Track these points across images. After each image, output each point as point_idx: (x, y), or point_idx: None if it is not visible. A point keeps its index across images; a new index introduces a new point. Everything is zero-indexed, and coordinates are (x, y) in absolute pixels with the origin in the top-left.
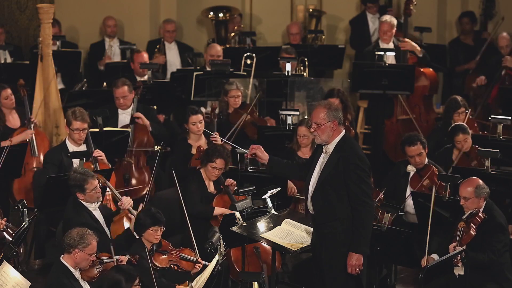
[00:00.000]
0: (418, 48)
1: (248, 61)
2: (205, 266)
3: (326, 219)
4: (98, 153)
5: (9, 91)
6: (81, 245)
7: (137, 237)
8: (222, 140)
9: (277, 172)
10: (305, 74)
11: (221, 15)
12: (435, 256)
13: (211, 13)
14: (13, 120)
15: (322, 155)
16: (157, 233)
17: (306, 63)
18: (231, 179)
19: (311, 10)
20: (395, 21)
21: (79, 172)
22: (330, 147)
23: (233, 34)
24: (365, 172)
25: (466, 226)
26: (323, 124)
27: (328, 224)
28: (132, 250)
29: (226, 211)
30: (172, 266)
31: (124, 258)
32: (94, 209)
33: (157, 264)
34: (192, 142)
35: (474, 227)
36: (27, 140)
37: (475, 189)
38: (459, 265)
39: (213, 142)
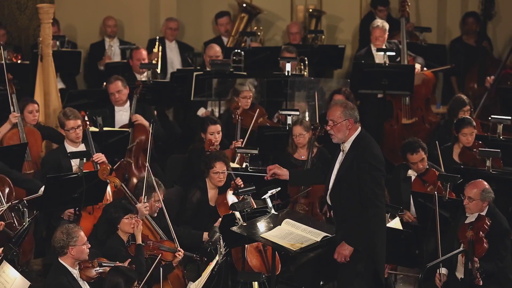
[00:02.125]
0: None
1: (235, 58)
2: (186, 255)
3: (344, 216)
4: (98, 157)
5: (36, 106)
6: (72, 241)
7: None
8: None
9: (301, 184)
10: (305, 73)
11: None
12: (444, 271)
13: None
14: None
15: (340, 153)
16: (132, 221)
17: (306, 62)
18: (240, 180)
19: (311, 10)
20: (387, 26)
21: (154, 178)
22: (347, 146)
23: (236, 35)
24: (379, 171)
25: (475, 235)
26: (339, 123)
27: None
28: (109, 244)
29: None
30: (151, 256)
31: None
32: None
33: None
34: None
35: (484, 236)
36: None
37: (481, 192)
38: (480, 283)
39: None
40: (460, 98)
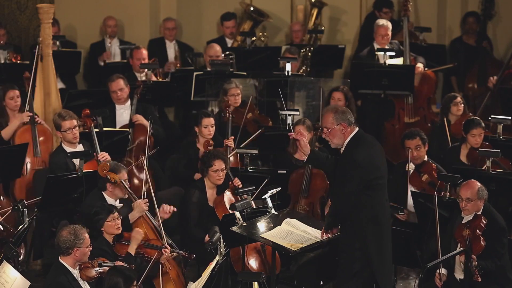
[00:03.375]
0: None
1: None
2: (172, 251)
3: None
4: (103, 156)
5: (16, 92)
6: (79, 242)
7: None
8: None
9: (316, 166)
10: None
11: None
12: (444, 271)
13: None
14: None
15: None
16: (116, 222)
17: (309, 55)
18: (238, 180)
19: (313, 0)
20: (390, 25)
21: (112, 162)
22: (342, 149)
23: (239, 37)
24: (352, 177)
25: (472, 234)
26: (332, 128)
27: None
28: (95, 246)
29: None
30: (137, 254)
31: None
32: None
33: (120, 254)
34: (200, 146)
35: (481, 234)
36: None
37: (478, 191)
38: (479, 280)
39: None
40: (449, 94)
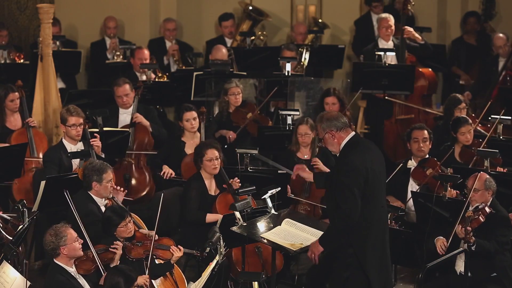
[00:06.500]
0: (419, 36)
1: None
2: (185, 253)
3: (330, 218)
4: (95, 141)
5: (16, 94)
6: (62, 241)
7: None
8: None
9: (324, 187)
10: (305, 63)
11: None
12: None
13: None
14: (14, 121)
15: None
16: (128, 226)
17: (307, 53)
18: (236, 178)
19: (317, 19)
20: (392, 18)
21: (98, 162)
22: (338, 155)
23: (239, 37)
24: (350, 177)
25: (474, 215)
26: (323, 138)
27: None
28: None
29: (218, 217)
30: (147, 256)
31: (119, 244)
32: (102, 205)
33: (131, 256)
34: (185, 139)
35: (483, 215)
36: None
37: (485, 181)
38: (471, 241)
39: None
40: (454, 97)
